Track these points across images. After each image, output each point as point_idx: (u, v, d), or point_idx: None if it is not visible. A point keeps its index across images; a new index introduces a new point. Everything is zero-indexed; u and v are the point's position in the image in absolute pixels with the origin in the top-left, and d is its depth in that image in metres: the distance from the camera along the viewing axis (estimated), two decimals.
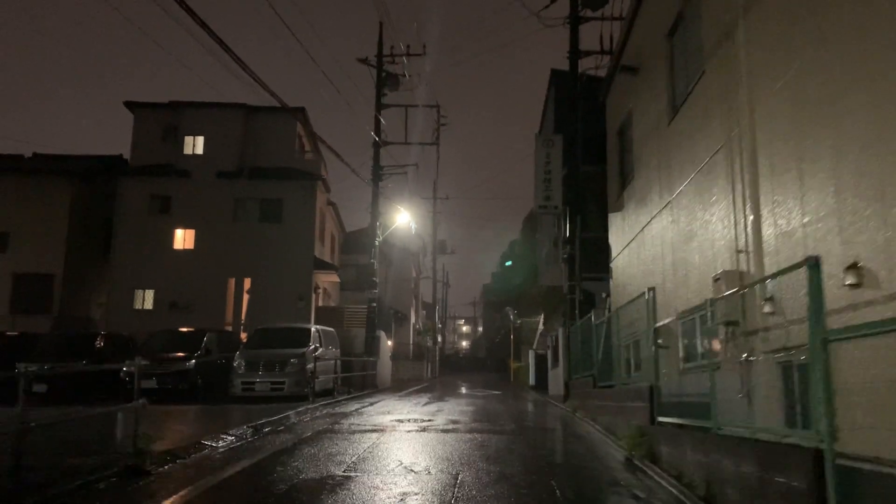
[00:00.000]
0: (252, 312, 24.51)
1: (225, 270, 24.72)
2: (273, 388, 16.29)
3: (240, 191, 25.27)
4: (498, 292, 76.17)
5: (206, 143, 25.55)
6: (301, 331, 18.08)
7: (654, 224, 11.11)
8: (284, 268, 24.61)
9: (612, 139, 15.15)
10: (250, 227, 25.01)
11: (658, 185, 10.94)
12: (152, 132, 25.87)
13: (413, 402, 17.08)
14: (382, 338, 25.09)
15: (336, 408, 14.79)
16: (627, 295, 13.02)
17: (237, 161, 25.59)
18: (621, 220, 13.91)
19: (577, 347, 14.40)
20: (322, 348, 18.26)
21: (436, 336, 47.04)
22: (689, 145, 9.34)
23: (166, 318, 23.64)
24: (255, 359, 16.71)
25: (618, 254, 14.22)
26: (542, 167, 16.57)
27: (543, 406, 16.57)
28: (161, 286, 24.46)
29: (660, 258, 10.71)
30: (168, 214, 25.09)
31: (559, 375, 16.83)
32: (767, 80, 6.84)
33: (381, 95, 25.12)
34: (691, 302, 9.17)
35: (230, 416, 12.49)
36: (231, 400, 16.08)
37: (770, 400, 6.35)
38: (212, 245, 24.74)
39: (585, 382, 12.78)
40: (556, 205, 16.44)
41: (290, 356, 16.61)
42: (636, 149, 12.62)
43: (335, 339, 20.40)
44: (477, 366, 60.91)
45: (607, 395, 10.74)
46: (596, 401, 11.48)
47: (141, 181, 25.06)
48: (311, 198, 25.36)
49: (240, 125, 25.89)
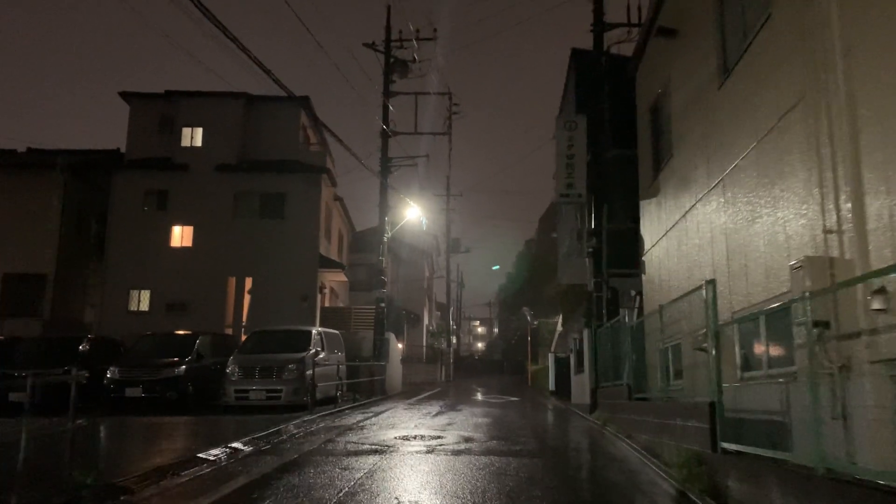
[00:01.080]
0: (253, 314, 23.10)
1: (225, 269, 23.33)
2: (269, 397, 14.83)
3: (240, 185, 23.87)
4: (514, 292, 74.55)
5: (205, 134, 24.20)
6: (301, 334, 16.61)
7: (700, 208, 9.49)
8: (287, 266, 23.18)
9: (643, 118, 13.54)
10: (251, 224, 23.60)
11: (705, 162, 9.32)
12: (149, 124, 24.56)
13: (423, 411, 15.54)
14: (392, 340, 23.59)
15: (336, 419, 13.28)
16: (664, 291, 11.41)
17: (237, 153, 24.19)
18: (656, 207, 12.29)
19: (606, 352, 12.79)
20: (324, 352, 16.77)
21: (450, 338, 45.48)
22: (749, 110, 7.72)
23: (163, 320, 22.34)
24: (249, 364, 15.26)
25: (652, 246, 12.59)
26: (564, 152, 14.98)
27: (567, 417, 14.96)
28: (157, 286, 23.11)
29: (708, 247, 9.10)
30: (165, 210, 23.74)
31: (584, 382, 15.22)
32: (873, 4, 5.24)
33: (390, 82, 23.64)
34: (753, 298, 7.56)
35: (212, 432, 11.03)
36: (223, 410, 14.65)
37: (881, 426, 4.77)
38: (211, 243, 23.36)
39: (617, 392, 11.17)
40: (579, 193, 14.83)
41: (287, 361, 15.14)
42: (675, 124, 11.00)
43: (340, 342, 18.91)
44: (493, 368, 59.25)
45: (646, 408, 9.13)
46: (631, 414, 9.87)
47: (136, 175, 23.73)
48: (315, 191, 23.91)
49: (240, 116, 24.49)
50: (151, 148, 24.18)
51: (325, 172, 24.21)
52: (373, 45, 23.45)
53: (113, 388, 15.01)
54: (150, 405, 14.86)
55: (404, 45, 23.68)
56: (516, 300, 68.39)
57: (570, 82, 18.26)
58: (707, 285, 6.58)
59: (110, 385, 15.01)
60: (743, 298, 7.83)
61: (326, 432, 10.83)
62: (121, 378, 15.07)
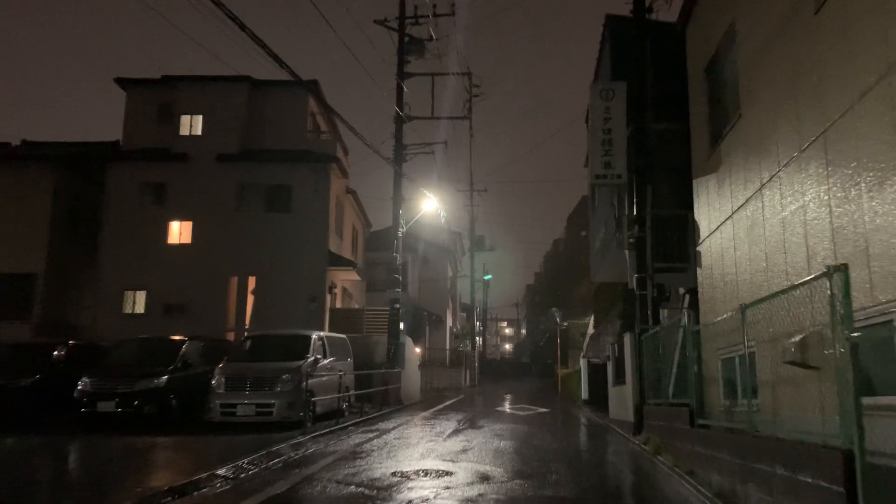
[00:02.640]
0: (257, 316, 21.21)
1: (226, 268, 21.48)
2: (259, 412, 12.85)
3: (243, 176, 22.01)
4: (542, 292, 72.18)
5: (206, 122, 22.39)
6: (299, 339, 14.61)
7: (785, 177, 7.25)
8: (294, 264, 21.26)
9: (696, 81, 11.29)
10: (255, 218, 21.73)
11: (792, 117, 7.09)
12: (147, 113, 22.82)
13: (437, 429, 13.43)
14: (408, 344, 21.53)
15: (332, 442, 11.23)
16: (728, 287, 9.17)
17: (240, 143, 22.33)
18: (715, 185, 10.03)
19: (654, 362, 10.57)
20: (326, 360, 14.79)
21: (474, 340, 43.32)
22: (871, 27, 5.49)
23: (160, 322, 20.59)
24: (238, 374, 13.32)
25: (710, 232, 10.33)
26: (600, 126, 12.77)
27: (607, 438, 12.74)
28: (154, 287, 21.34)
29: (798, 227, 6.86)
30: (162, 204, 21.98)
31: (626, 396, 12.98)
32: None
33: (405, 63, 21.61)
34: (882, 294, 5.33)
35: (168, 460, 9.11)
36: (207, 427, 12.72)
37: None
38: (211, 239, 21.53)
39: (673, 414, 8.95)
40: (618, 173, 12.61)
41: (281, 371, 13.16)
42: (743, 77, 8.77)
43: (346, 347, 16.91)
44: (520, 372, 56.94)
45: (718, 441, 6.92)
46: (695, 445, 7.65)
47: (132, 167, 22.00)
48: (324, 183, 21.94)
49: (243, 102, 22.64)
50: (150, 138, 22.43)
51: (335, 162, 22.24)
52: (385, 22, 21.47)
53: (85, 401, 13.16)
54: (125, 421, 13.02)
55: (420, 22, 21.66)
56: (544, 300, 66.06)
57: (604, 52, 16.03)
58: (834, 273, 4.36)
59: (81, 398, 13.16)
60: (862, 295, 5.60)
61: (311, 463, 8.77)
62: (92, 390, 13.20)
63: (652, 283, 12.30)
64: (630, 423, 12.42)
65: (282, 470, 8.26)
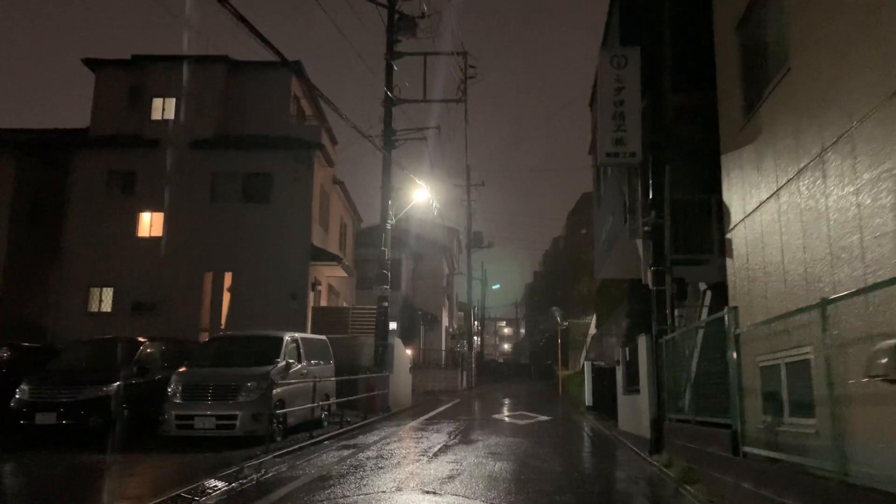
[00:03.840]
0: (234, 314, 19.56)
1: (200, 263, 19.83)
2: (220, 425, 11.23)
3: (219, 164, 20.36)
4: (542, 292, 70.57)
5: (179, 106, 20.72)
6: (269, 341, 12.97)
7: (861, 135, 5.61)
8: (274, 259, 19.61)
9: (724, 36, 9.65)
10: (232, 209, 20.07)
11: (871, 56, 5.45)
12: (116, 96, 21.17)
13: (424, 443, 11.79)
14: (398, 346, 19.88)
15: (298, 463, 9.57)
16: (771, 279, 7.53)
17: (216, 128, 20.69)
18: (753, 158, 8.38)
19: (679, 369, 8.93)
20: (300, 364, 13.15)
21: (472, 340, 41.64)
22: None
23: (128, 322, 18.99)
24: (197, 382, 11.69)
25: (745, 216, 8.68)
26: (611, 97, 11.10)
27: (617, 454, 11.09)
28: (122, 283, 19.70)
29: (888, 197, 5.21)
30: (131, 195, 20.32)
31: (640, 408, 11.33)
32: None
33: (395, 42, 19.95)
34: None
35: (86, 488, 7.47)
36: (161, 442, 11.13)
37: None
38: (184, 232, 19.88)
39: (706, 435, 7.30)
40: (632, 151, 10.94)
41: (246, 378, 11.53)
42: (795, 22, 7.12)
43: (326, 350, 15.29)
44: (519, 373, 55.33)
45: (779, 480, 5.27)
46: (742, 480, 6.01)
47: (99, 154, 20.36)
48: (307, 171, 20.28)
49: (220, 84, 20.99)
50: (120, 123, 20.78)
51: (319, 148, 20.57)
52: None
53: (23, 412, 11.51)
54: (68, 435, 11.40)
55: None
56: (544, 300, 64.42)
57: (613, 13, 14.32)
58: None
59: (19, 408, 11.52)
60: None
61: (262, 495, 7.12)
62: (31, 399, 11.58)
63: (671, 278, 10.65)
64: (645, 438, 10.77)
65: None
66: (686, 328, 8.68)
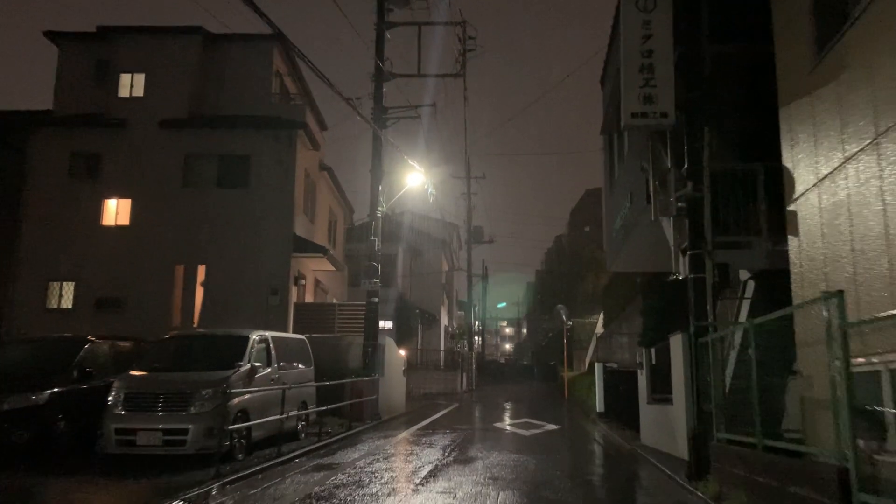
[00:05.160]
0: (208, 311, 17.67)
1: (171, 255, 17.94)
2: (168, 442, 9.34)
3: (192, 145, 18.46)
4: (544, 290, 68.68)
5: (149, 82, 18.84)
6: (233, 341, 11.07)
7: None
8: (252, 250, 17.73)
9: None
10: (206, 195, 18.17)
11: None
12: (81, 71, 19.28)
13: (414, 462, 9.91)
14: (390, 346, 17.99)
15: (252, 493, 7.69)
16: (863, 261, 5.63)
17: (189, 106, 18.78)
18: (828, 107, 6.48)
19: (735, 376, 7.04)
20: (270, 368, 11.27)
21: (472, 340, 39.71)
22: None
23: (91, 319, 17.17)
24: (143, 389, 9.81)
25: (819, 180, 6.77)
26: (637, 46, 9.20)
27: (644, 476, 9.20)
28: (85, 277, 17.80)
29: None
30: (96, 179, 18.42)
31: (672, 421, 9.41)
32: None
33: (387, 10, 18.03)
34: None
35: None
36: (100, 462, 9.30)
37: None
38: (154, 220, 18.01)
39: (789, 470, 5.40)
40: (663, 111, 9.04)
41: (201, 385, 9.63)
42: None
43: (305, 351, 13.43)
44: (522, 374, 53.39)
45: None
46: None
47: (60, 134, 18.48)
48: (289, 153, 18.39)
49: (194, 58, 19.07)
50: (85, 102, 18.90)
51: (303, 128, 18.65)
52: None
53: None
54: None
55: None
56: (547, 298, 62.51)
57: None
58: None
59: None
60: None
61: None
62: None
63: (712, 263, 8.74)
64: (679, 458, 8.89)
65: None
66: (745, 323, 6.74)
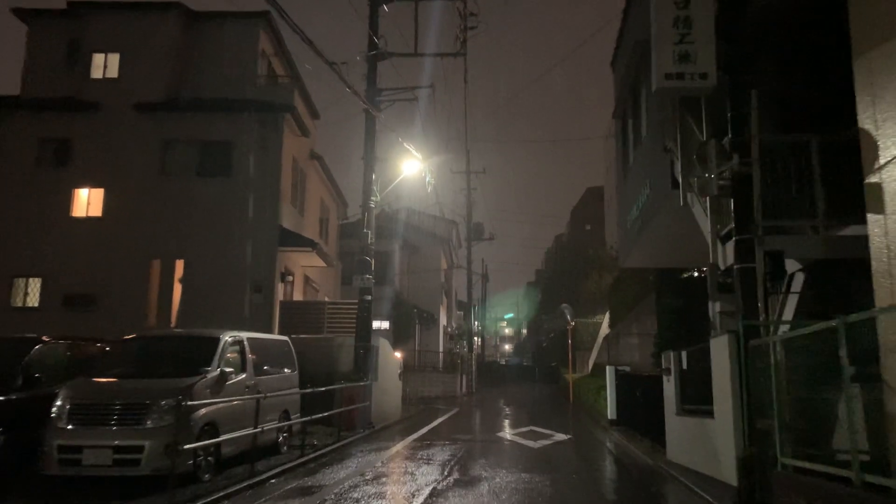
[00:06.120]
0: (186, 310, 16.27)
1: (147, 248, 16.55)
2: (120, 461, 7.92)
3: (170, 130, 17.08)
4: (545, 290, 67.30)
5: (124, 62, 17.45)
6: (201, 343, 9.67)
7: None
8: (235, 244, 16.34)
9: None
10: (185, 185, 16.78)
11: None
12: (52, 51, 17.85)
13: (409, 486, 8.51)
14: (384, 348, 16.59)
15: None
16: None
17: (168, 89, 17.38)
18: None
19: (813, 389, 5.62)
20: (244, 374, 9.86)
21: (472, 341, 38.31)
22: None
23: (59, 318, 15.85)
24: (91, 399, 8.40)
25: None
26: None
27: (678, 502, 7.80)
28: (52, 272, 16.40)
29: None
30: (66, 167, 17.03)
31: (712, 437, 7.99)
32: None
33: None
34: None
35: None
36: (40, 485, 7.95)
37: None
38: (128, 211, 16.62)
39: None
40: (702, 71, 7.68)
41: (160, 394, 8.21)
42: None
43: (288, 354, 12.04)
44: (522, 375, 51.98)
45: None
46: None
47: (27, 119, 17.08)
48: (275, 139, 16.99)
49: (173, 37, 17.68)
50: (55, 84, 17.47)
51: (290, 111, 17.24)
52: None
53: None
54: None
55: None
56: (547, 298, 61.14)
57: None
58: None
59: None
60: None
61: None
62: None
63: (763, 252, 7.35)
64: (722, 483, 7.48)
65: None
66: (833, 321, 5.30)
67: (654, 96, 9.95)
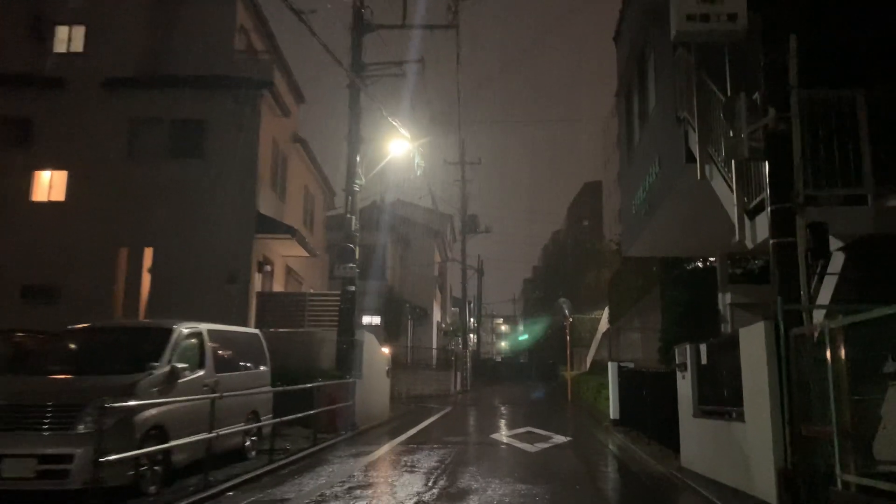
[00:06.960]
0: (155, 302, 15.04)
1: (113, 236, 15.35)
2: (45, 473, 6.73)
3: (139, 109, 15.87)
4: (542, 285, 66.25)
5: (90, 36, 16.25)
6: (151, 335, 8.52)
7: None
8: (208, 231, 15.15)
9: None
10: (155, 167, 15.57)
11: None
12: (12, 24, 16.60)
13: (385, 499, 7.33)
14: (370, 343, 15.38)
15: None
16: None
17: (137, 64, 16.16)
18: None
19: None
20: (202, 371, 8.67)
21: (467, 338, 37.17)
22: None
23: (16, 311, 14.61)
24: (14, 400, 7.22)
25: None
26: None
27: None
28: (9, 261, 15.16)
29: None
30: (26, 148, 15.81)
31: (742, 441, 6.81)
32: None
33: None
34: None
35: None
36: None
37: None
38: (93, 195, 15.41)
39: None
40: (731, 11, 6.51)
41: (95, 393, 6.97)
42: None
43: (259, 348, 10.84)
44: (519, 373, 50.79)
45: None
46: None
47: None
48: (252, 118, 15.78)
49: (144, 8, 16.45)
50: (14, 58, 16.23)
51: (269, 88, 16.03)
52: None
53: None
54: None
55: None
56: (544, 295, 60.08)
57: None
58: None
59: None
60: None
61: None
62: None
63: (805, 224, 6.18)
64: (754, 498, 6.31)
65: None
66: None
67: (663, 65, 8.79)
